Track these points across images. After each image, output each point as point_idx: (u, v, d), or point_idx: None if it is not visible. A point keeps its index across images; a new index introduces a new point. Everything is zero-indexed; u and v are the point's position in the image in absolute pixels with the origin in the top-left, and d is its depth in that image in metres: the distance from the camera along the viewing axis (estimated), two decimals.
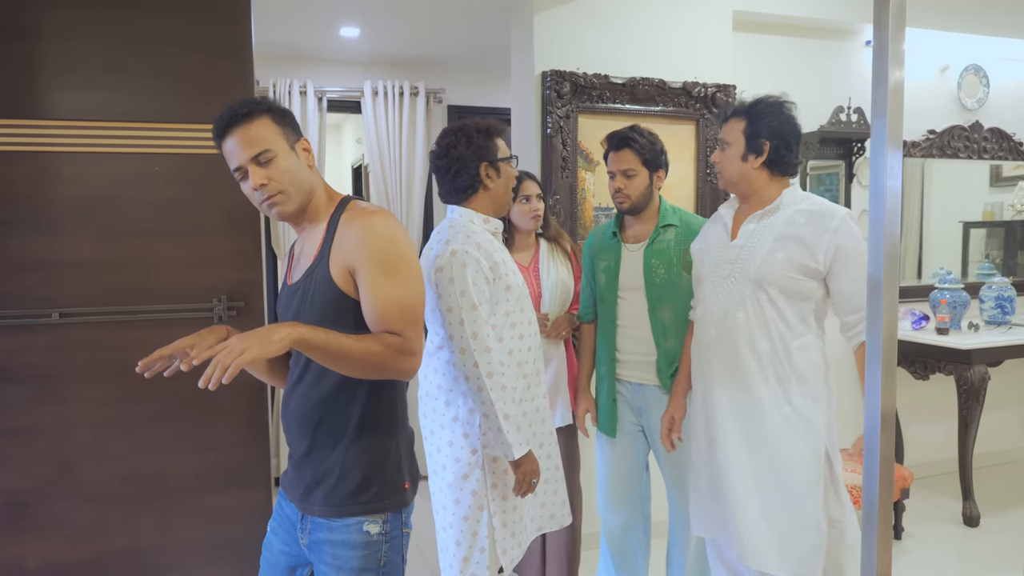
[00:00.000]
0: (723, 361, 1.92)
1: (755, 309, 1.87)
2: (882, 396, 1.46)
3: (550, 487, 2.00)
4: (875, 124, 1.47)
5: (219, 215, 2.36)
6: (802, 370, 1.86)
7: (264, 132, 1.36)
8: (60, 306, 2.23)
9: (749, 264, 1.89)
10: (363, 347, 1.30)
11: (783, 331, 1.86)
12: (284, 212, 1.39)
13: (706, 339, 1.97)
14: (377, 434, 1.43)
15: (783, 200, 1.91)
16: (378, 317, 1.34)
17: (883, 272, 1.48)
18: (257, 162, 1.35)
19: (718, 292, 1.94)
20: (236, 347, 1.18)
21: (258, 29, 3.50)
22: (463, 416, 1.85)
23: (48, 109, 2.22)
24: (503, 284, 1.83)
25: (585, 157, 3.07)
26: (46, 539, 2.25)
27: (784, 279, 1.85)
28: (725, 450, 1.90)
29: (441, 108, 4.31)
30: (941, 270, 3.89)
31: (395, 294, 1.34)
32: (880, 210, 1.47)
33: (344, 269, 1.36)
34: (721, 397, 1.92)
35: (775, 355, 1.86)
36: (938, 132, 3.91)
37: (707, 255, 2.02)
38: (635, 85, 3.09)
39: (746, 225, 1.94)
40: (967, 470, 3.44)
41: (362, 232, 1.36)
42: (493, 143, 1.87)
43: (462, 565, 1.87)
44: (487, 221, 1.90)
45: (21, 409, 2.22)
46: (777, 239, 1.87)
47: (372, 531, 1.41)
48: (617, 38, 3.10)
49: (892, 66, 1.43)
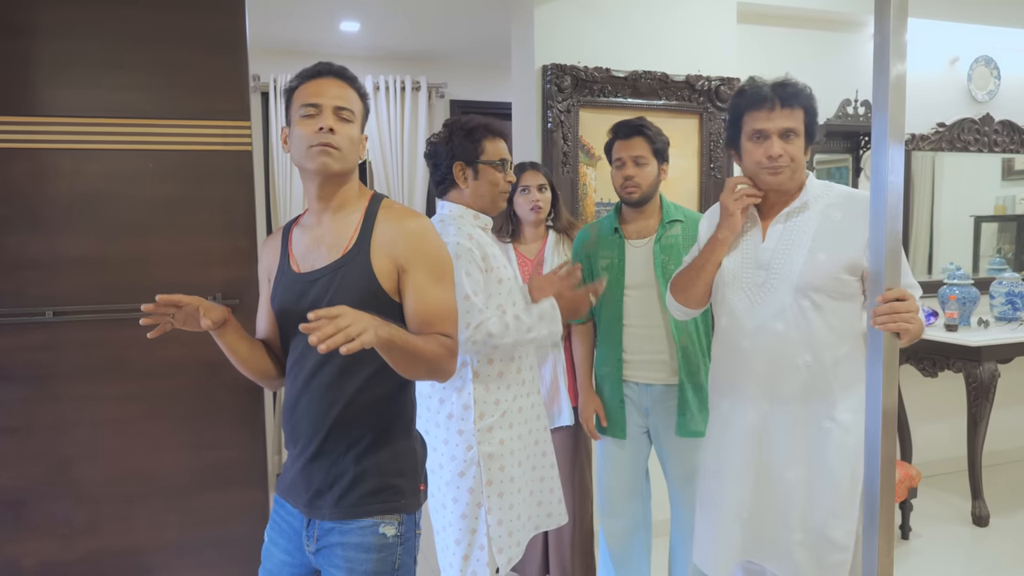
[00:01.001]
0: (756, 376, 1.74)
1: (797, 319, 1.69)
2: (883, 395, 1.43)
3: (546, 485, 1.98)
4: (876, 118, 1.43)
5: (215, 212, 2.35)
6: (847, 379, 1.70)
7: (355, 100, 1.41)
8: (55, 304, 2.22)
9: (787, 269, 1.70)
10: (430, 349, 1.34)
11: (829, 339, 1.69)
12: (327, 167, 1.36)
13: (736, 352, 1.78)
14: (395, 437, 1.42)
15: (810, 194, 1.73)
16: (430, 319, 1.38)
17: (884, 268, 1.45)
18: (338, 113, 1.37)
19: (751, 301, 1.75)
20: (360, 324, 1.15)
21: (258, 24, 3.48)
22: (457, 413, 1.84)
23: (43, 106, 2.21)
24: (495, 277, 1.83)
25: (586, 152, 3.03)
26: (42, 538, 2.24)
27: (831, 281, 1.67)
28: (755, 468, 1.75)
29: (443, 103, 4.28)
30: (951, 265, 3.83)
31: (444, 298, 1.40)
32: (881, 205, 1.44)
33: (390, 265, 1.37)
34: (752, 412, 1.75)
35: (820, 368, 1.69)
36: (947, 125, 3.84)
37: (731, 255, 1.81)
38: (637, 79, 3.04)
39: (774, 226, 1.76)
40: (976, 469, 3.39)
41: (414, 235, 1.39)
42: (475, 144, 1.85)
43: (462, 564, 1.85)
44: (477, 217, 1.91)
45: (16, 408, 2.21)
46: (816, 238, 1.70)
47: (388, 533, 1.38)
48: (619, 31, 3.06)
49: (894, 58, 1.40)
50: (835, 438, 1.70)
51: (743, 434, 1.78)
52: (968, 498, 3.47)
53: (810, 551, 1.72)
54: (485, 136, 1.87)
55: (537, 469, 1.95)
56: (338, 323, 1.14)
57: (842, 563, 1.72)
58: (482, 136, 1.87)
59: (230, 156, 2.35)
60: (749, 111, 1.73)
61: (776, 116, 1.70)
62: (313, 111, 1.36)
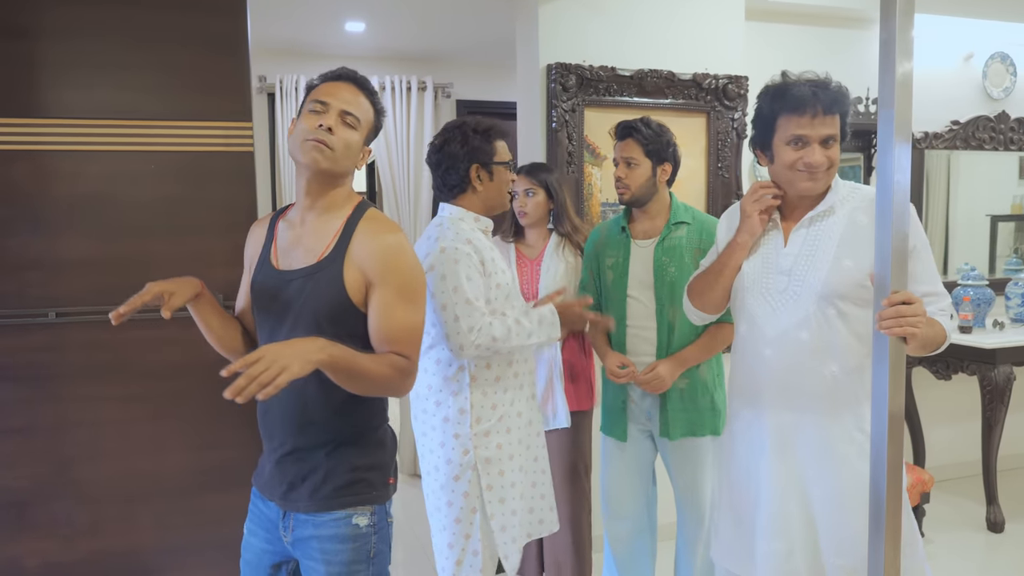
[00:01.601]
0: (780, 386, 1.67)
1: (822, 327, 1.62)
2: (889, 398, 1.40)
3: (538, 491, 1.96)
4: (882, 115, 1.39)
5: (216, 214, 2.34)
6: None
7: (365, 109, 1.44)
8: (57, 305, 2.22)
9: (812, 276, 1.64)
10: (379, 369, 1.34)
11: (856, 348, 1.62)
12: (318, 163, 1.38)
13: (757, 359, 1.71)
14: (365, 433, 1.45)
15: (836, 198, 1.66)
16: (390, 338, 1.37)
17: (890, 270, 1.42)
18: (343, 116, 1.39)
19: (774, 308, 1.68)
20: (277, 364, 1.17)
21: (263, 25, 3.48)
22: (453, 416, 1.83)
23: (45, 107, 2.21)
24: (493, 282, 1.82)
25: (592, 151, 3.00)
26: (44, 538, 2.25)
27: (857, 289, 1.60)
28: (775, 481, 1.67)
29: (450, 103, 4.26)
30: (965, 266, 3.76)
31: (410, 319, 1.39)
32: (887, 205, 1.40)
33: (361, 280, 1.37)
34: (773, 422, 1.69)
35: (847, 378, 1.62)
36: (962, 123, 3.78)
37: (752, 260, 1.75)
38: (643, 77, 3.01)
39: (796, 231, 1.69)
40: (991, 473, 3.33)
41: (388, 251, 1.38)
42: (490, 145, 1.86)
43: (455, 568, 1.85)
44: (478, 219, 1.89)
45: (19, 408, 2.21)
46: (841, 244, 1.63)
47: (361, 523, 1.41)
48: (624, 29, 3.03)
49: (900, 55, 1.36)
50: (866, 450, 1.61)
51: (768, 444, 1.70)
52: (983, 503, 3.41)
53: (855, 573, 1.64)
54: (497, 137, 1.89)
55: (529, 475, 1.94)
56: (250, 373, 1.15)
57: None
58: (496, 136, 1.89)
59: (232, 157, 2.34)
60: (788, 114, 1.64)
61: (819, 123, 1.61)
62: (320, 108, 1.40)
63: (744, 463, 1.76)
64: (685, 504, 2.25)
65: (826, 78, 1.70)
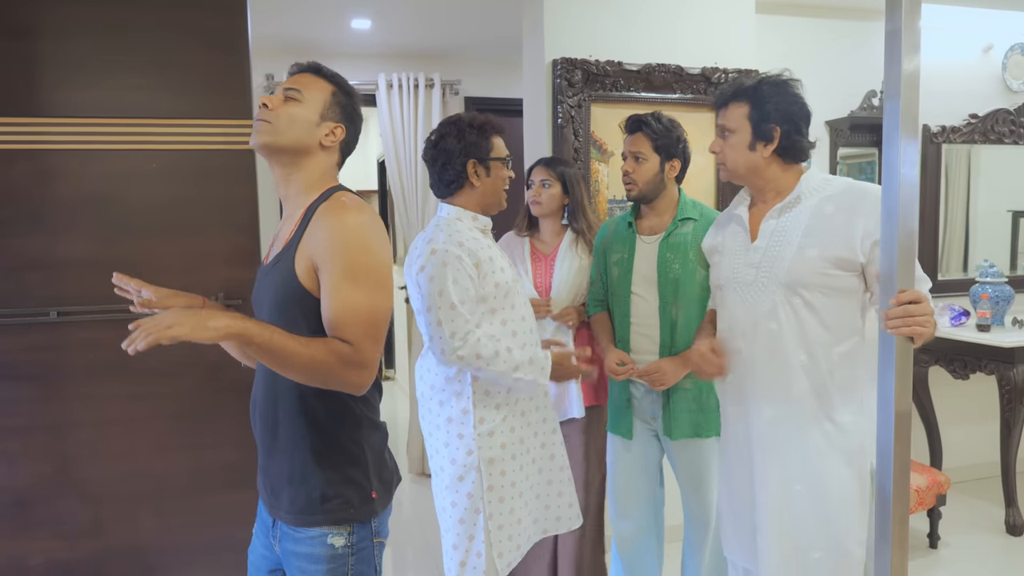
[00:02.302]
0: (756, 378, 1.70)
1: (789, 317, 1.64)
2: (896, 402, 1.35)
3: (554, 488, 1.95)
4: (888, 107, 1.34)
5: (217, 213, 2.33)
6: (846, 380, 1.63)
7: (313, 86, 1.40)
8: (58, 305, 2.22)
9: (777, 267, 1.66)
10: (308, 352, 1.22)
11: (824, 338, 1.63)
12: (258, 141, 1.35)
13: (735, 355, 1.75)
14: (338, 442, 1.35)
15: (803, 188, 1.69)
16: (333, 322, 1.27)
17: (897, 267, 1.37)
18: (284, 93, 1.38)
19: (744, 301, 1.72)
20: (166, 321, 1.13)
21: (268, 22, 3.47)
22: (456, 416, 1.81)
23: (46, 107, 2.21)
24: (490, 282, 1.78)
25: (598, 148, 2.96)
26: (48, 537, 2.26)
27: (820, 277, 1.62)
28: (762, 477, 1.69)
29: (458, 100, 4.23)
30: (984, 263, 3.67)
31: (355, 301, 1.26)
32: (893, 200, 1.35)
33: (309, 265, 1.29)
34: (755, 418, 1.71)
35: (815, 367, 1.63)
36: (981, 116, 3.69)
37: (725, 258, 1.80)
38: (650, 72, 2.96)
39: (766, 222, 1.72)
40: (1010, 475, 3.25)
41: (333, 228, 1.28)
42: (487, 141, 1.83)
43: (459, 569, 1.83)
44: (476, 219, 1.86)
45: (21, 407, 2.22)
46: (806, 234, 1.64)
47: (336, 544, 1.34)
48: (631, 23, 2.98)
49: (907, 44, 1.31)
50: (836, 441, 1.64)
51: (746, 438, 1.74)
52: (1001, 505, 3.33)
53: (832, 569, 1.64)
54: (493, 133, 1.86)
55: (544, 472, 1.92)
56: (143, 324, 1.12)
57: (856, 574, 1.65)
58: (492, 132, 1.86)
59: (233, 155, 2.33)
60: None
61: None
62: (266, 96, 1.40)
63: (734, 457, 1.78)
64: (691, 506, 2.22)
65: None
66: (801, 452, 1.66)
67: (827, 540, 1.64)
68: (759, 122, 1.70)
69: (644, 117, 2.16)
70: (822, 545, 1.64)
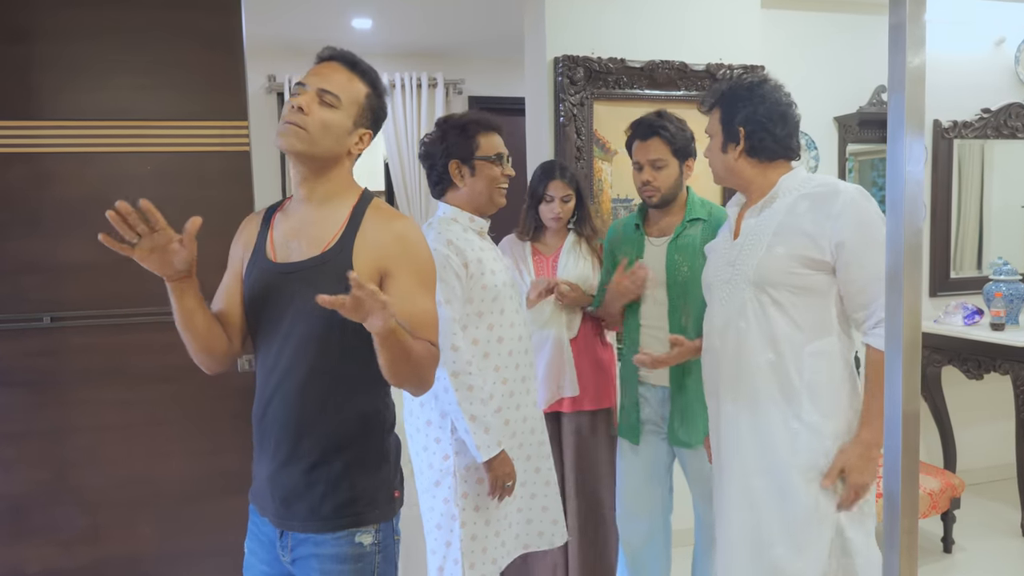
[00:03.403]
0: (727, 376, 1.71)
1: (757, 316, 1.65)
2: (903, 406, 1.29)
3: (538, 503, 1.91)
4: (892, 99, 1.28)
5: (213, 215, 2.27)
6: (815, 380, 1.62)
7: (348, 87, 1.33)
8: (53, 309, 2.20)
9: (747, 264, 1.67)
10: (420, 350, 1.27)
11: (793, 336, 1.62)
12: (291, 145, 1.30)
13: (710, 352, 1.77)
14: (367, 445, 1.35)
15: (781, 187, 1.69)
16: (415, 325, 1.29)
17: (903, 265, 1.31)
18: (320, 95, 1.31)
19: (720, 299, 1.74)
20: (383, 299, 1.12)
21: (269, 23, 3.45)
22: (435, 420, 1.79)
23: (40, 109, 2.19)
24: (478, 283, 1.76)
25: (601, 146, 2.92)
26: (44, 545, 2.23)
27: (787, 276, 1.61)
28: (729, 474, 1.71)
29: (461, 99, 4.20)
30: (998, 260, 3.59)
31: (430, 307, 1.34)
32: (898, 197, 1.29)
33: (373, 268, 1.30)
34: (727, 416, 1.72)
35: (782, 366, 1.63)
36: (993, 111, 3.61)
37: (712, 257, 1.84)
38: (654, 69, 2.91)
39: (746, 221, 1.73)
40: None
41: (404, 238, 1.33)
42: (470, 140, 1.81)
43: (438, 574, 1.82)
44: (472, 220, 1.85)
45: (16, 413, 2.20)
46: (777, 232, 1.64)
47: (365, 542, 1.33)
48: (634, 19, 2.93)
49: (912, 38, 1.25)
50: (804, 441, 1.61)
51: (719, 436, 1.75)
52: (1017, 508, 3.26)
53: (764, 562, 1.65)
54: (479, 131, 1.82)
55: (528, 485, 1.88)
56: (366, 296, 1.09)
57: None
58: (476, 132, 1.82)
59: (228, 157, 2.30)
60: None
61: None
62: (298, 90, 1.31)
63: (716, 455, 1.79)
64: (700, 512, 2.20)
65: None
66: (763, 449, 1.65)
67: (788, 538, 1.62)
68: (727, 125, 1.72)
69: (657, 120, 2.11)
70: (782, 542, 1.63)
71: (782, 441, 1.63)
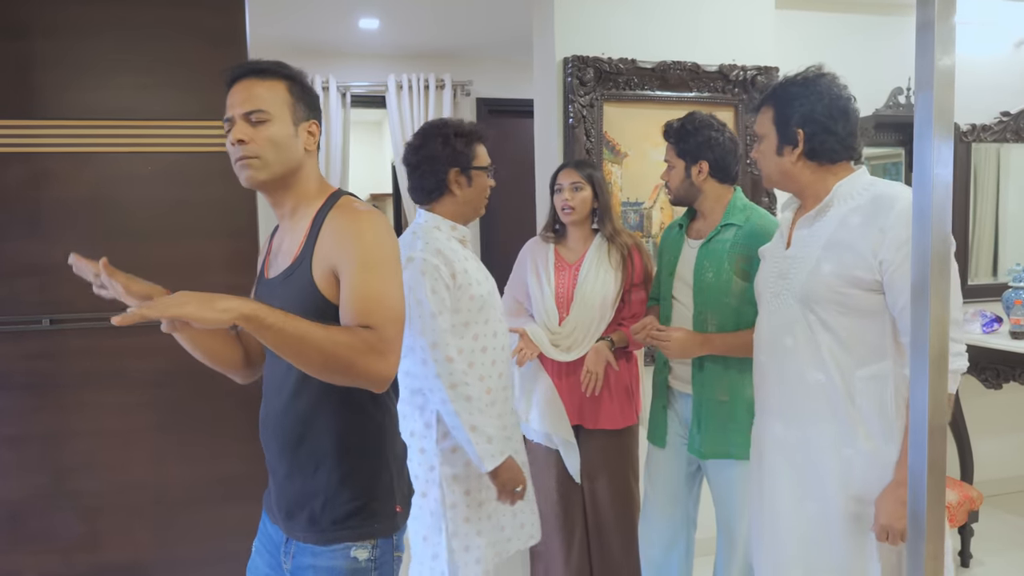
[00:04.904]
0: (775, 393, 1.64)
1: (805, 334, 1.55)
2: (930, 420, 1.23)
3: (527, 505, 1.90)
4: (919, 99, 1.22)
5: (215, 216, 2.27)
6: (870, 407, 1.51)
7: (269, 95, 1.29)
8: (52, 312, 2.17)
9: (795, 280, 1.57)
10: (327, 336, 1.14)
11: (842, 359, 1.52)
12: (254, 178, 1.28)
13: (758, 367, 1.69)
14: (364, 455, 1.32)
15: (836, 195, 1.56)
16: (353, 311, 1.19)
17: (930, 275, 1.25)
18: (248, 119, 1.28)
19: (769, 311, 1.65)
20: (174, 300, 1.07)
21: (275, 24, 3.42)
22: (419, 431, 1.76)
23: (39, 109, 2.17)
24: (466, 294, 1.73)
25: (611, 148, 2.86)
26: (42, 551, 2.20)
27: (836, 295, 1.50)
28: (771, 495, 1.63)
29: (469, 101, 4.16)
30: (1017, 267, 3.51)
31: (374, 287, 1.21)
32: (926, 203, 1.23)
33: (328, 271, 1.25)
34: (772, 434, 1.64)
35: (832, 389, 1.53)
36: (1013, 114, 3.54)
37: (763, 265, 1.74)
38: (666, 70, 2.86)
39: (798, 231, 1.62)
40: None
41: (348, 231, 1.25)
42: (471, 149, 1.78)
43: None
44: (455, 228, 1.82)
45: (13, 417, 2.17)
46: (827, 247, 1.53)
47: (360, 557, 1.30)
48: (646, 19, 2.88)
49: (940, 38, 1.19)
50: (859, 469, 1.52)
51: (761, 453, 1.67)
52: None
53: None
54: (479, 140, 1.81)
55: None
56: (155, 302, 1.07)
57: None
58: (476, 140, 1.81)
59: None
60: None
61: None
62: (228, 126, 1.30)
63: (755, 471, 1.71)
64: (721, 526, 2.14)
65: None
66: (813, 474, 1.56)
67: (834, 562, 1.54)
68: (782, 126, 1.61)
69: (670, 123, 2.12)
70: (826, 563, 1.55)
71: (833, 468, 1.54)
